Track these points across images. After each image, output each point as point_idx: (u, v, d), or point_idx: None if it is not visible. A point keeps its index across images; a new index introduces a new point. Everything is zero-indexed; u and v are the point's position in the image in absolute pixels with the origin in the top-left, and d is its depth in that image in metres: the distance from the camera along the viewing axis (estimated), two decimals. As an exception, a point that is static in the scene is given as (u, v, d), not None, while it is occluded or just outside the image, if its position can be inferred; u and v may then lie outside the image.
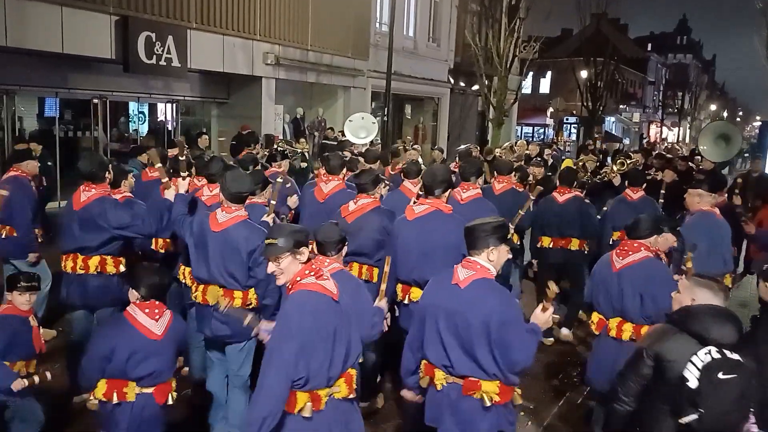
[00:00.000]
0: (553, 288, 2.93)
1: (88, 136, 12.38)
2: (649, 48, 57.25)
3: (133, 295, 3.23)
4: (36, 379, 3.45)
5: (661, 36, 70.68)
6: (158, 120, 14.53)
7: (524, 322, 2.93)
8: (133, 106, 14.24)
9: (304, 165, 9.37)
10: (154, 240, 4.82)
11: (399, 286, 4.02)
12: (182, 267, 4.37)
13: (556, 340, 6.18)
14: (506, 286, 5.49)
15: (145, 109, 14.57)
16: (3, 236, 5.22)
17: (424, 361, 3.10)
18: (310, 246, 2.83)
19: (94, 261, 4.30)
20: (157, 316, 3.19)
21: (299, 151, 9.60)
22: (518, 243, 6.71)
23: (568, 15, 31.50)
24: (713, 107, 63.15)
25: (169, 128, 14.19)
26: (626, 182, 6.61)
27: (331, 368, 2.65)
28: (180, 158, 4.40)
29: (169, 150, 6.97)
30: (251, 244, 3.67)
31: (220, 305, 3.16)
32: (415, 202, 4.88)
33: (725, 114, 70.36)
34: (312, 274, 2.68)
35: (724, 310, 2.65)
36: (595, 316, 4.01)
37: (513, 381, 2.93)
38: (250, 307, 3.79)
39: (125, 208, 4.30)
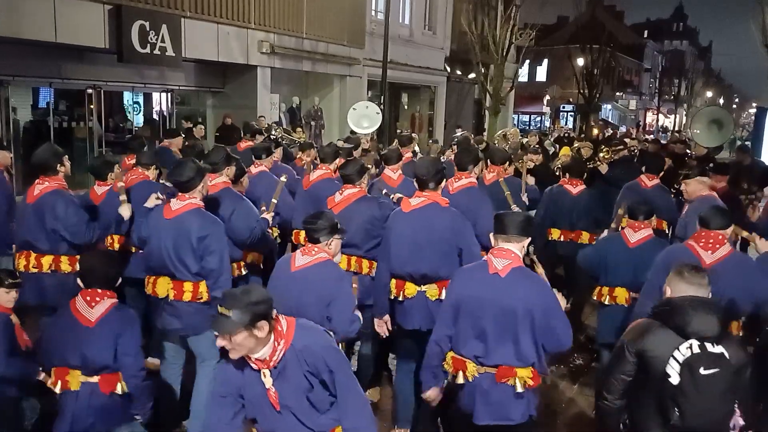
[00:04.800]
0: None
1: (83, 126, 12.31)
2: (645, 35, 57.07)
3: (79, 283, 3.21)
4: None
5: (658, 23, 70.30)
6: (153, 110, 14.46)
7: (561, 306, 2.98)
8: (127, 96, 14.17)
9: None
10: (109, 237, 4.64)
11: (393, 282, 3.91)
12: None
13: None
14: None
15: (140, 99, 14.49)
16: None
17: (452, 355, 3.08)
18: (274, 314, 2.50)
19: (47, 259, 4.09)
20: (93, 303, 3.12)
21: (297, 140, 9.58)
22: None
23: (563, 2, 31.42)
24: (709, 94, 63.03)
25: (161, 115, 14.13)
26: (643, 168, 6.45)
27: None
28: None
29: (165, 140, 6.92)
30: (202, 231, 3.64)
31: None
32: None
33: (721, 101, 70.32)
34: (283, 319, 2.45)
35: (705, 300, 2.57)
36: None
37: (545, 369, 2.99)
38: (201, 300, 3.75)
39: (76, 209, 4.14)
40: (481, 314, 2.94)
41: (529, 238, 3.05)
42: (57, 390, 3.11)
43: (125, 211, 4.30)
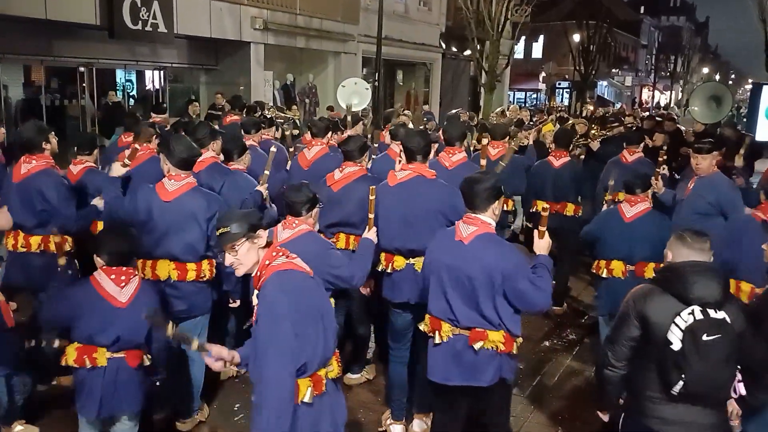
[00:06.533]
0: (541, 205, 2.99)
1: (75, 104, 12.22)
2: (642, 10, 56.60)
3: (98, 261, 3.16)
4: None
5: (655, -2, 69.79)
6: (146, 88, 14.34)
7: (529, 267, 2.98)
8: (120, 74, 14.03)
9: (295, 132, 9.30)
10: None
11: (382, 255, 3.83)
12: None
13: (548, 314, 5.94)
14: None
15: (133, 77, 14.36)
16: None
17: (428, 316, 3.16)
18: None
19: (36, 239, 3.95)
20: (123, 284, 3.10)
21: (291, 117, 9.54)
22: (512, 208, 6.74)
23: (560, -23, 31.05)
24: (706, 70, 62.75)
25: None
26: (623, 143, 6.51)
27: (326, 348, 2.51)
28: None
29: (153, 115, 6.88)
30: (210, 210, 3.61)
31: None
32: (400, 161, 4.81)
33: (717, 77, 70.07)
34: (281, 254, 2.50)
35: (706, 265, 2.54)
36: (746, 286, 3.70)
37: (516, 333, 3.03)
38: (204, 279, 3.72)
39: (66, 192, 4.01)
40: (444, 278, 3.03)
41: (499, 200, 3.05)
42: (87, 365, 3.08)
43: (117, 169, 4.07)
